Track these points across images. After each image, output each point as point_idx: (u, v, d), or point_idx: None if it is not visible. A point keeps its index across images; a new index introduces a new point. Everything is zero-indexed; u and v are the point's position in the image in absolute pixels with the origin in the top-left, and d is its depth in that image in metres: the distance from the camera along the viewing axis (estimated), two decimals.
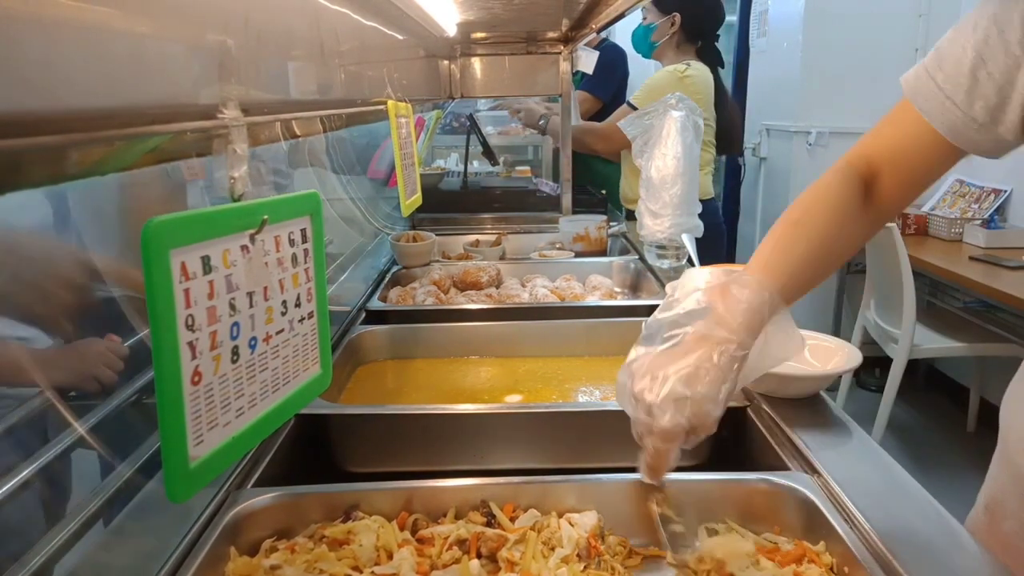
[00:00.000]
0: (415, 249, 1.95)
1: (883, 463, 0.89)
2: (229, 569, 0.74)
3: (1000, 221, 3.27)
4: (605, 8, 1.56)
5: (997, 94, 0.72)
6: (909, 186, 0.83)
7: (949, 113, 0.75)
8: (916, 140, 0.79)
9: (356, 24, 0.99)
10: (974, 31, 0.73)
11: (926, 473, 2.85)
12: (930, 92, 0.76)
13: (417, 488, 0.86)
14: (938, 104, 0.76)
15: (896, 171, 0.82)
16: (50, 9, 0.33)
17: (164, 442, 0.44)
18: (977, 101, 0.73)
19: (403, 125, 1.19)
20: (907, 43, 3.65)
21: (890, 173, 0.82)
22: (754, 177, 4.37)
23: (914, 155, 0.80)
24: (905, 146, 0.81)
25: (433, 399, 1.27)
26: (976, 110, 0.73)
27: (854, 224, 0.83)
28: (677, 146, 1.79)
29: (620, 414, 1.07)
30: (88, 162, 0.40)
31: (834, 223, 0.81)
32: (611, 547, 0.80)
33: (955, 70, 0.74)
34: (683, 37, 2.50)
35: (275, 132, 0.68)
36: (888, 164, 0.82)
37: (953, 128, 0.75)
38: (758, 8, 4.36)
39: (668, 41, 2.50)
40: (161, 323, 0.43)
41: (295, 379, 0.60)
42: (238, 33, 0.54)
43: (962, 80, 0.73)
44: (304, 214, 0.59)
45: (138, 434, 0.92)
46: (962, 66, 0.73)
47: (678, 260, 1.83)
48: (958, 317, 3.19)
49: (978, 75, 0.72)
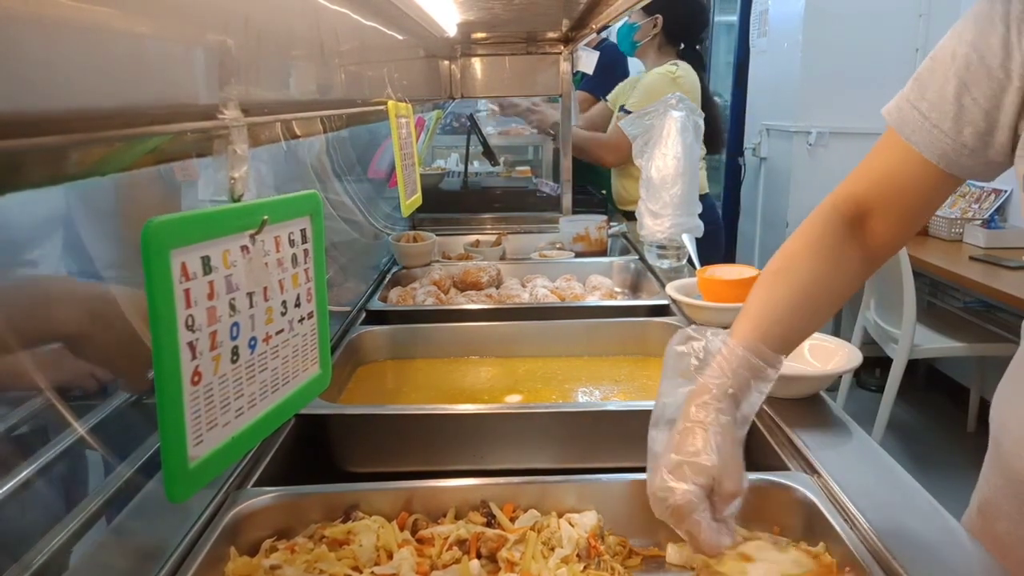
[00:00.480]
0: (415, 249, 1.95)
1: (883, 463, 0.89)
2: (229, 569, 0.74)
3: (1000, 221, 3.27)
4: (605, 8, 1.56)
5: (984, 119, 0.72)
6: (903, 221, 0.82)
7: (938, 141, 0.75)
8: (906, 172, 0.78)
9: (356, 24, 0.99)
10: (953, 60, 0.73)
11: (926, 473, 2.85)
12: (916, 122, 0.76)
13: (417, 488, 0.86)
14: (925, 133, 0.75)
15: (888, 206, 0.81)
16: (50, 9, 0.33)
17: (164, 442, 0.44)
18: (965, 127, 0.73)
19: (403, 125, 1.19)
20: (907, 43, 3.65)
21: (882, 209, 0.82)
22: (754, 177, 4.37)
23: (905, 187, 0.80)
24: (895, 180, 0.80)
25: (433, 399, 1.27)
26: (965, 136, 0.73)
27: (841, 267, 0.82)
28: (677, 146, 1.79)
29: (620, 414, 1.07)
30: (88, 162, 0.40)
31: (817, 268, 0.81)
32: (611, 547, 0.80)
33: (939, 98, 0.74)
34: (664, 39, 2.54)
35: (275, 132, 0.68)
36: (879, 200, 0.81)
37: (944, 156, 0.75)
38: (758, 8, 4.36)
39: (650, 42, 2.54)
40: (161, 323, 0.43)
41: (295, 379, 0.60)
42: (238, 33, 0.54)
43: (947, 108, 0.73)
44: (304, 214, 0.59)
45: (138, 434, 0.92)
46: (946, 93, 0.73)
47: (678, 260, 1.83)
48: (958, 317, 3.19)
49: (963, 101, 0.72)
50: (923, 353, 2.96)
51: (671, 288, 1.47)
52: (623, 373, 1.37)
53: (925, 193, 0.79)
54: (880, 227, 0.82)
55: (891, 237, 0.83)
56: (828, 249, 0.81)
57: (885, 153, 0.81)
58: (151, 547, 0.73)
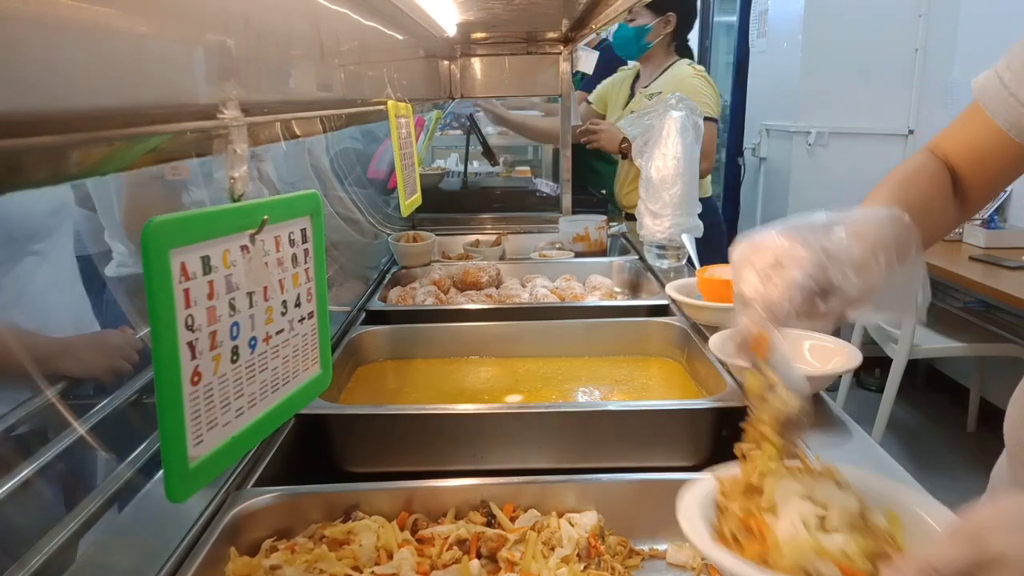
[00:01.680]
0: (415, 249, 1.95)
1: (883, 463, 0.89)
2: (229, 569, 0.74)
3: (1000, 221, 3.27)
4: (605, 8, 1.56)
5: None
6: (986, 185, 0.83)
7: (1012, 111, 0.75)
8: (986, 141, 0.79)
9: (356, 24, 0.99)
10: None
11: (926, 473, 2.85)
12: (996, 91, 0.76)
13: (417, 488, 0.86)
14: (1002, 101, 0.76)
15: (971, 170, 0.82)
16: (50, 9, 0.33)
17: (164, 442, 0.44)
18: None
19: (403, 125, 1.19)
20: (907, 43, 3.65)
21: (966, 172, 0.82)
22: (754, 177, 4.37)
23: (985, 156, 0.80)
24: (975, 146, 0.80)
25: (433, 399, 1.27)
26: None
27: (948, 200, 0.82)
28: (677, 146, 1.80)
29: (620, 414, 1.07)
30: (88, 162, 0.40)
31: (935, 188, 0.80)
32: (611, 547, 0.80)
33: (1022, 68, 0.74)
34: (673, 36, 2.50)
35: (275, 132, 0.68)
36: (963, 163, 0.82)
37: (1016, 124, 0.75)
38: (758, 8, 4.36)
39: (661, 41, 2.49)
40: (161, 323, 0.43)
41: (295, 379, 0.60)
42: (238, 33, 0.54)
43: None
44: (304, 214, 0.59)
45: (138, 434, 0.92)
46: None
47: (678, 260, 1.83)
48: (958, 317, 3.19)
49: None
50: (923, 353, 2.96)
51: (671, 288, 1.47)
52: (623, 373, 1.37)
53: (1004, 162, 0.79)
54: (966, 184, 0.83)
55: (977, 194, 0.83)
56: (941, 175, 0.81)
57: (968, 118, 0.81)
58: (151, 547, 0.73)
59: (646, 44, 2.48)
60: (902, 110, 3.71)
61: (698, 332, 1.36)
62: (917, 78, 3.66)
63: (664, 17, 2.44)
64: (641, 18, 2.45)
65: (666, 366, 1.40)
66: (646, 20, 2.45)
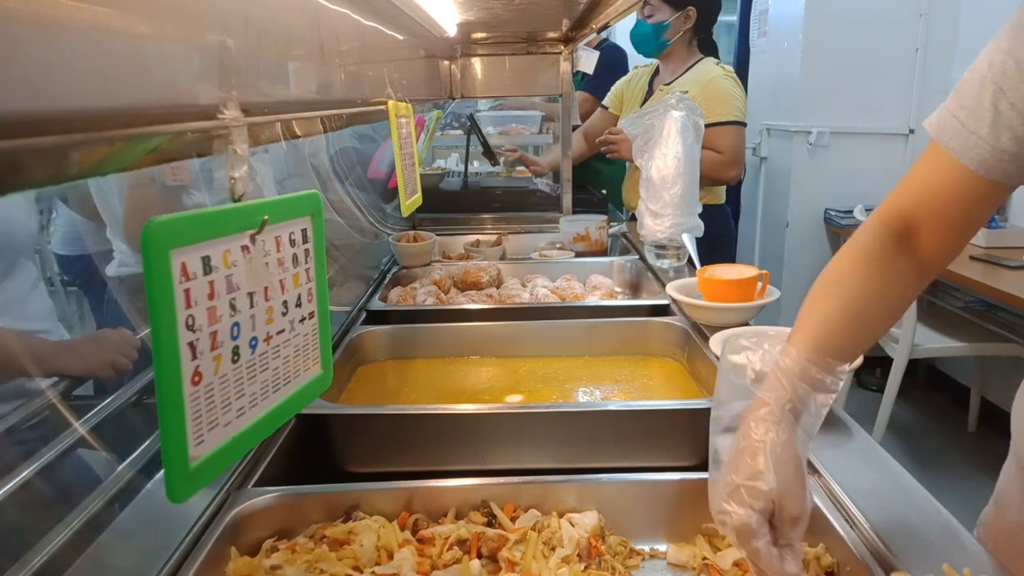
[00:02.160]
0: (415, 249, 1.95)
1: (883, 463, 0.89)
2: (230, 569, 0.74)
3: (1000, 221, 3.27)
4: (605, 8, 1.56)
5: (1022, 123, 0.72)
6: (951, 233, 0.81)
7: (976, 147, 0.74)
8: (948, 182, 0.78)
9: (356, 24, 0.99)
10: (990, 67, 0.73)
11: (926, 473, 2.85)
12: (955, 130, 0.76)
13: (417, 488, 0.86)
14: (964, 140, 0.75)
15: (934, 219, 0.81)
16: (50, 9, 0.33)
17: (164, 442, 0.44)
18: (1003, 132, 0.72)
19: (403, 125, 1.19)
20: (907, 43, 3.65)
21: (928, 222, 0.81)
22: (754, 177, 4.37)
23: (949, 198, 0.79)
24: (939, 191, 0.79)
25: (433, 399, 1.27)
26: (1004, 141, 0.73)
27: (894, 281, 0.81)
28: (677, 146, 1.79)
29: (620, 414, 1.07)
30: (88, 162, 0.40)
31: (869, 282, 0.79)
32: (612, 547, 0.80)
33: (976, 104, 0.74)
34: (693, 32, 2.38)
35: (275, 132, 0.68)
36: (924, 212, 0.81)
37: (984, 162, 0.75)
38: (758, 8, 4.35)
39: (681, 38, 2.37)
40: (161, 323, 0.43)
41: (296, 379, 0.60)
42: (238, 33, 0.54)
43: (984, 113, 0.73)
44: (305, 214, 0.59)
45: (138, 434, 0.92)
46: (983, 100, 0.73)
47: (678, 260, 1.83)
48: (958, 317, 3.19)
49: (1000, 106, 0.72)
50: (923, 353, 2.95)
51: (671, 288, 1.47)
52: (623, 373, 1.37)
53: (969, 203, 0.78)
54: (929, 240, 0.81)
55: (941, 249, 0.82)
56: (879, 263, 0.80)
57: (928, 165, 0.80)
58: (151, 547, 0.73)
59: (665, 41, 2.36)
60: (903, 110, 3.71)
61: (699, 332, 1.36)
62: (917, 78, 3.66)
63: (684, 12, 2.32)
64: (659, 14, 2.34)
65: (667, 366, 1.40)
66: (665, 16, 2.33)
